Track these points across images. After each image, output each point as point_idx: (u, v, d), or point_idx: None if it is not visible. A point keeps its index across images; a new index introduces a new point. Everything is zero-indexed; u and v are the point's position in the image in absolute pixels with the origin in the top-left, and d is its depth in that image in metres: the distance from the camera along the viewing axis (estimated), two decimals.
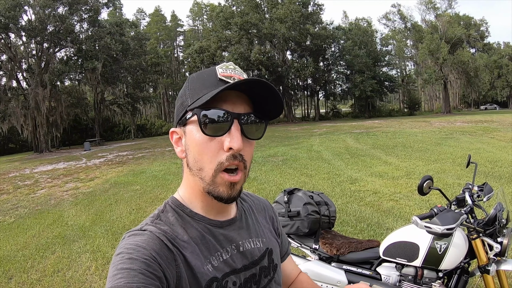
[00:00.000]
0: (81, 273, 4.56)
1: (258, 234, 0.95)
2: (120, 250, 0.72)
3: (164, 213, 0.85)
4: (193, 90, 0.80)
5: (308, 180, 8.91)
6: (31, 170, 16.95)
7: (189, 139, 0.80)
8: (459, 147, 12.38)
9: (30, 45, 29.90)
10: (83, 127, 39.08)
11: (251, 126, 0.79)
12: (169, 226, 0.81)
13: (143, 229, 0.79)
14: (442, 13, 44.99)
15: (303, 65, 43.60)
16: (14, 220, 7.90)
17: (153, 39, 52.71)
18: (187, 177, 0.85)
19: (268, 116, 0.83)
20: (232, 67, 0.82)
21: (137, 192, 9.29)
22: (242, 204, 0.98)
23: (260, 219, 1.01)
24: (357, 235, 4.89)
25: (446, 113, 43.57)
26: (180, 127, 0.83)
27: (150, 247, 0.72)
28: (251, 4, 44.43)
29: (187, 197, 0.87)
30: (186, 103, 0.80)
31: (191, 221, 0.83)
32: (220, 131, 0.75)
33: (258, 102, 0.81)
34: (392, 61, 54.74)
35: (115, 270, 0.67)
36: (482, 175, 7.64)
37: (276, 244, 1.01)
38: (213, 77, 0.79)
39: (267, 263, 0.92)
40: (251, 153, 0.82)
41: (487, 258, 2.08)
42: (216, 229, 0.85)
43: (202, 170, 0.78)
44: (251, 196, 1.06)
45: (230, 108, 0.76)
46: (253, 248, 0.90)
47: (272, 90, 0.77)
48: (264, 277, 0.90)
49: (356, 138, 17.81)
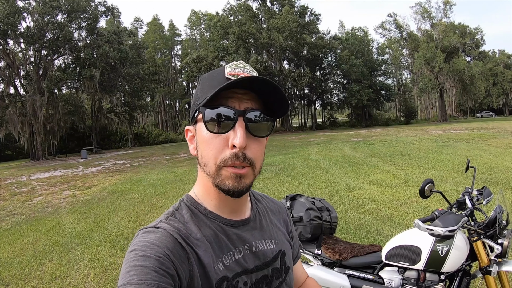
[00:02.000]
0: (79, 281, 4.52)
1: (272, 235, 0.95)
2: (134, 247, 0.72)
3: (178, 210, 0.85)
4: (203, 89, 0.81)
5: (306, 188, 8.90)
6: (28, 177, 16.87)
7: (198, 136, 0.82)
8: (456, 155, 12.44)
9: (29, 52, 30.08)
10: (80, 135, 39.05)
11: (256, 123, 0.79)
12: (183, 224, 0.81)
13: (157, 226, 0.79)
14: (438, 22, 45.48)
15: (300, 74, 43.86)
16: (11, 227, 7.83)
17: (151, 48, 52.91)
18: (200, 174, 0.86)
19: (275, 114, 0.83)
20: (242, 66, 0.83)
21: (135, 200, 9.25)
22: (256, 205, 0.98)
23: (275, 221, 1.01)
24: (357, 242, 4.89)
25: (443, 121, 43.86)
26: (193, 125, 0.85)
27: (164, 245, 0.73)
28: (249, 14, 44.83)
29: (201, 195, 0.87)
30: (197, 102, 0.81)
31: (205, 219, 0.84)
32: (225, 128, 0.76)
33: (266, 100, 0.81)
34: (389, 70, 55.14)
35: (128, 267, 0.68)
36: (479, 182, 7.66)
37: (289, 247, 1.00)
38: (221, 76, 0.80)
39: (279, 265, 0.91)
40: (260, 151, 0.81)
41: (488, 259, 2.09)
42: (229, 228, 0.85)
43: (207, 166, 0.79)
44: (266, 198, 1.06)
45: (236, 105, 0.77)
46: (266, 249, 0.90)
47: (275, 88, 0.78)
48: (276, 279, 0.89)
49: (354, 147, 17.86)
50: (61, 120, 30.87)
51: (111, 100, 35.35)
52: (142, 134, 42.60)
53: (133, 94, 38.16)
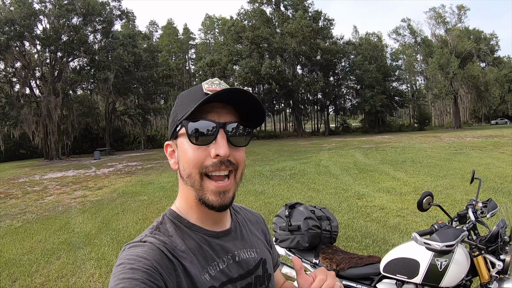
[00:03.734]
0: (84, 280, 4.58)
1: (253, 245, 0.97)
2: (121, 261, 0.73)
3: (162, 224, 0.87)
4: (182, 106, 0.84)
5: (315, 195, 8.86)
6: (41, 176, 17.14)
7: (180, 150, 0.84)
8: (468, 163, 12.24)
9: (44, 54, 30.59)
10: (94, 136, 39.53)
11: (237, 134, 0.83)
12: (168, 237, 0.82)
13: (143, 240, 0.80)
14: (452, 27, 45.00)
15: (313, 79, 43.74)
16: (21, 224, 7.97)
17: (165, 51, 53.33)
18: (182, 188, 0.89)
19: (253, 124, 0.87)
20: (217, 82, 0.86)
21: (144, 203, 9.33)
22: (236, 216, 1.01)
23: (254, 231, 1.03)
24: (362, 251, 4.84)
25: (457, 128, 43.27)
26: (173, 140, 0.88)
27: (151, 258, 0.74)
28: (262, 18, 44.94)
29: (183, 208, 0.89)
30: (177, 117, 0.84)
31: (188, 232, 0.85)
32: (207, 140, 0.79)
33: (243, 112, 0.85)
34: (402, 76, 54.54)
35: (117, 279, 0.68)
36: (491, 191, 7.53)
37: (269, 255, 1.03)
38: (199, 92, 0.83)
39: (262, 272, 0.94)
40: (241, 157, 0.84)
41: (489, 275, 2.05)
42: (212, 239, 0.87)
43: (190, 177, 0.81)
44: (244, 209, 1.09)
45: (216, 118, 0.80)
46: (248, 258, 0.92)
47: (253, 99, 0.81)
48: (259, 286, 0.91)
49: (365, 153, 17.72)
50: (75, 121, 31.32)
51: (125, 103, 35.71)
52: (155, 136, 42.89)
53: (147, 97, 38.52)
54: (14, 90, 31.03)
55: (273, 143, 33.59)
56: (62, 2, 28.53)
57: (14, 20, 26.42)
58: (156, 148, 37.43)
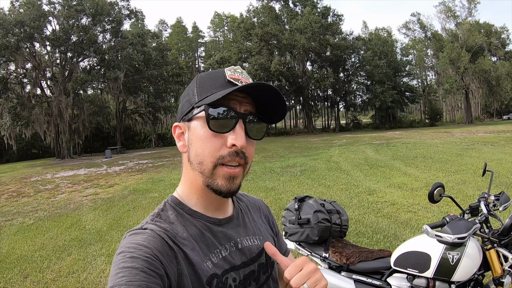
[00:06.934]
0: (95, 275, 4.62)
1: (255, 232, 0.97)
2: (122, 249, 0.73)
3: (164, 211, 0.86)
4: (201, 89, 0.83)
5: (325, 190, 8.82)
6: (53, 175, 17.34)
7: (193, 134, 0.82)
8: (480, 158, 12.07)
9: (55, 54, 30.90)
10: (105, 135, 39.87)
11: (254, 127, 0.83)
12: (169, 224, 0.82)
13: (143, 227, 0.80)
14: (462, 21, 44.28)
15: (323, 75, 43.40)
16: (33, 222, 8.08)
17: (174, 49, 53.52)
18: (186, 172, 0.88)
19: (270, 118, 0.86)
20: (240, 71, 0.85)
21: (155, 200, 9.38)
22: (238, 203, 1.00)
23: (256, 218, 1.03)
24: (373, 246, 4.80)
25: (468, 124, 42.70)
26: (184, 122, 0.86)
27: (152, 245, 0.73)
28: (271, 15, 44.80)
29: (186, 194, 0.89)
30: (194, 100, 0.82)
31: (190, 219, 0.85)
32: (225, 128, 0.78)
33: (261, 104, 0.84)
34: (413, 71, 53.88)
35: (117, 269, 0.68)
36: (503, 186, 7.42)
37: (273, 242, 1.02)
38: (222, 78, 0.82)
39: (265, 260, 0.93)
40: (252, 152, 0.84)
41: (502, 270, 2.00)
42: (214, 226, 0.87)
43: (202, 164, 0.80)
44: (246, 196, 1.08)
45: (237, 107, 0.80)
46: (251, 245, 0.92)
47: (278, 95, 0.81)
48: (262, 273, 0.91)
49: (376, 149, 17.58)
50: (86, 120, 31.56)
51: (135, 101, 35.87)
52: (166, 134, 43.04)
53: (157, 95, 38.63)
54: (25, 90, 31.38)
55: (284, 139, 33.52)
56: (71, 3, 28.72)
57: (23, 21, 26.64)
58: (167, 146, 37.62)
